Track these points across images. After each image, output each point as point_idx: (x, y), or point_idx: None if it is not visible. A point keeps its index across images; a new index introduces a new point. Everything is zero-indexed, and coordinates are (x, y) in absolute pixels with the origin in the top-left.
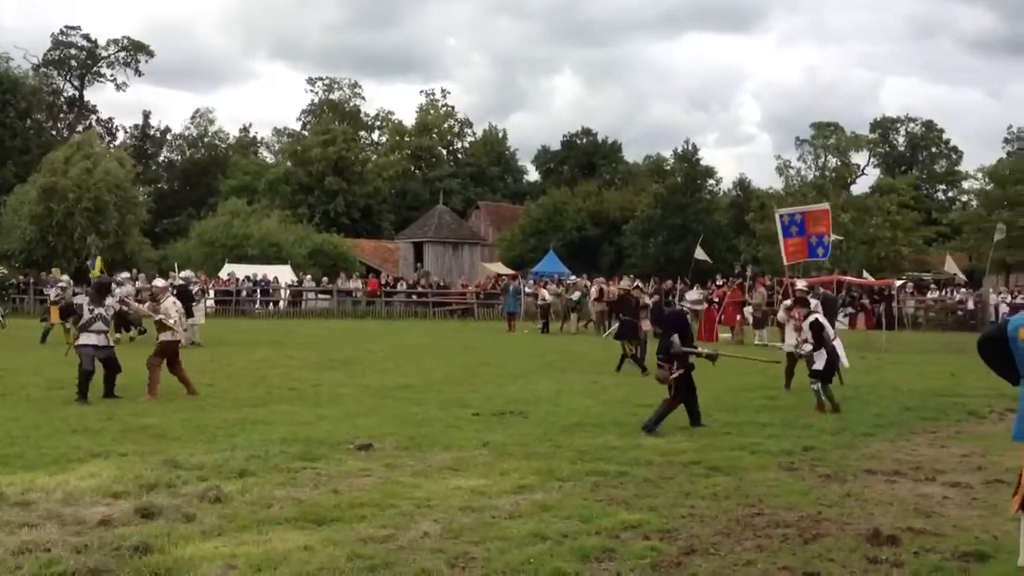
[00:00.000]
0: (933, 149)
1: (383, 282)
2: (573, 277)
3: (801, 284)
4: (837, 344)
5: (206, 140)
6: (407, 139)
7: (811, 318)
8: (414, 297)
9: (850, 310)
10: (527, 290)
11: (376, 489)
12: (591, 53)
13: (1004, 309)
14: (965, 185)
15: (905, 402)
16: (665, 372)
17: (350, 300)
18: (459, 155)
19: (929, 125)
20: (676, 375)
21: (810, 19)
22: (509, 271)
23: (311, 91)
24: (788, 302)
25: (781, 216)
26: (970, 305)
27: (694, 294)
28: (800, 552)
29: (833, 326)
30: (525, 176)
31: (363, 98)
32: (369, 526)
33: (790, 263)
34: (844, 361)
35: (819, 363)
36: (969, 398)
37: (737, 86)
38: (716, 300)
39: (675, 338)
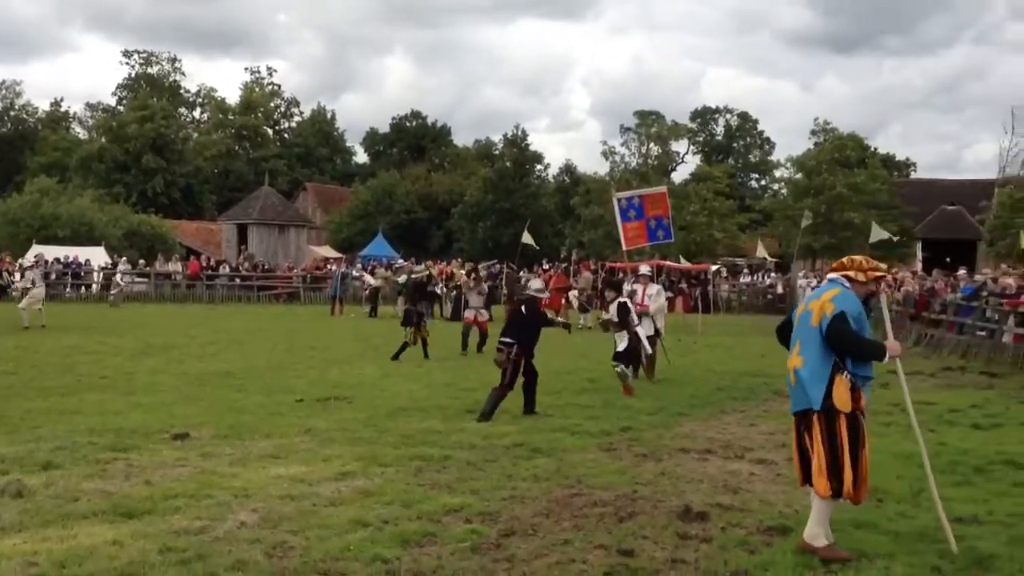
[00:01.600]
0: (748, 139)
1: (204, 265)
2: (401, 260)
3: (644, 268)
4: (641, 330)
5: (12, 114)
6: (231, 117)
7: (618, 301)
8: (237, 281)
9: (669, 294)
10: (355, 274)
11: (192, 479)
12: (424, 34)
13: (810, 292)
14: (776, 174)
15: (718, 383)
16: (504, 356)
17: (169, 283)
18: (286, 135)
19: (744, 116)
20: (513, 359)
21: (639, 9)
22: (337, 254)
23: (127, 64)
24: (633, 287)
25: (619, 200)
26: (779, 289)
27: (537, 282)
28: (615, 530)
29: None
30: (354, 158)
31: (183, 73)
32: (183, 518)
33: (630, 248)
34: (647, 347)
35: (621, 345)
36: (777, 378)
37: (568, 73)
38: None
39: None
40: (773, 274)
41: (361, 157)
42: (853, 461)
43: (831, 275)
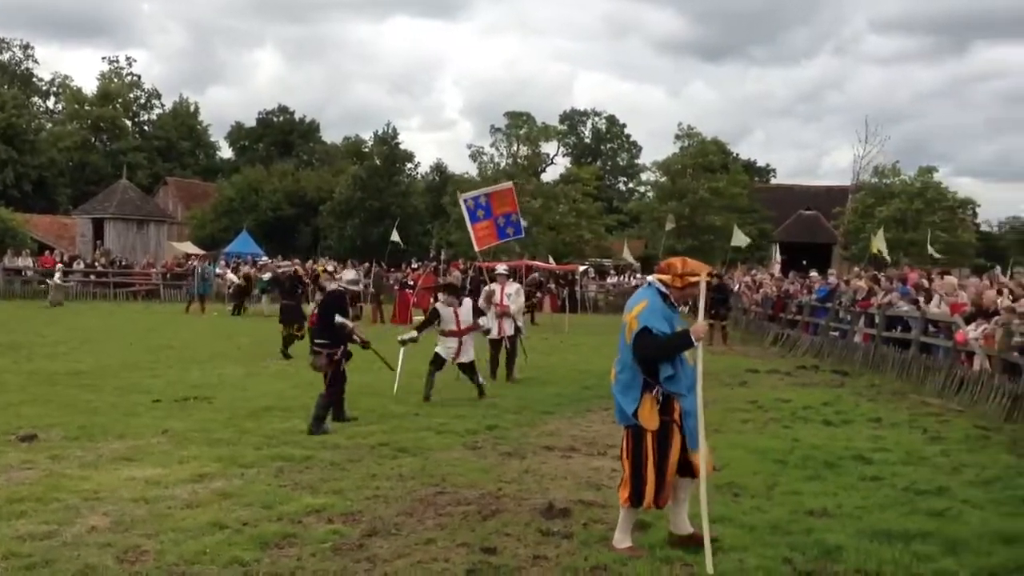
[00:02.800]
0: (616, 143)
1: (58, 260)
2: (265, 258)
3: (502, 268)
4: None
5: None
6: (87, 108)
7: (470, 302)
8: (92, 277)
9: (538, 294)
10: (217, 271)
11: (39, 482)
12: (295, 29)
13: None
14: (643, 177)
15: (583, 381)
16: (322, 360)
17: (19, 280)
18: (146, 127)
19: (612, 120)
20: (335, 361)
21: (512, 11)
22: (199, 251)
23: None
24: (490, 287)
25: (466, 201)
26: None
27: (350, 273)
28: (479, 528)
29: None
30: (218, 153)
31: (36, 61)
32: (29, 522)
33: (481, 248)
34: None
35: (465, 356)
36: None
37: (440, 72)
38: (411, 284)
39: (339, 318)
40: (639, 275)
41: (226, 152)
42: (657, 474)
43: (650, 278)
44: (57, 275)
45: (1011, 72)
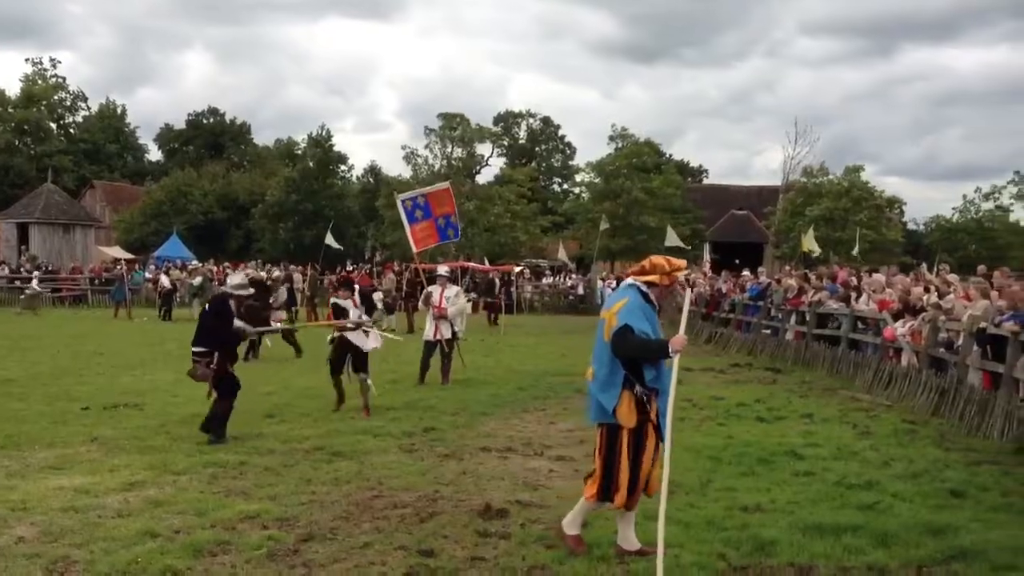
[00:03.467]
0: (550, 144)
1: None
2: (196, 261)
3: (443, 270)
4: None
5: None
6: (10, 111)
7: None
8: (17, 283)
9: (473, 295)
10: (147, 275)
11: None
12: (226, 30)
13: (608, 292)
14: (577, 178)
15: (520, 382)
16: (200, 369)
17: None
18: (71, 130)
19: (547, 121)
20: (213, 370)
21: (447, 12)
22: (128, 255)
23: None
24: (430, 289)
25: (403, 201)
26: (580, 290)
27: (237, 277)
28: (416, 531)
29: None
30: (147, 155)
31: None
32: None
33: (420, 250)
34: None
35: (369, 344)
36: (576, 376)
37: (375, 74)
38: None
39: (239, 323)
40: (574, 275)
41: (155, 155)
42: (631, 473)
43: (629, 279)
44: (34, 282)
45: (935, 74)
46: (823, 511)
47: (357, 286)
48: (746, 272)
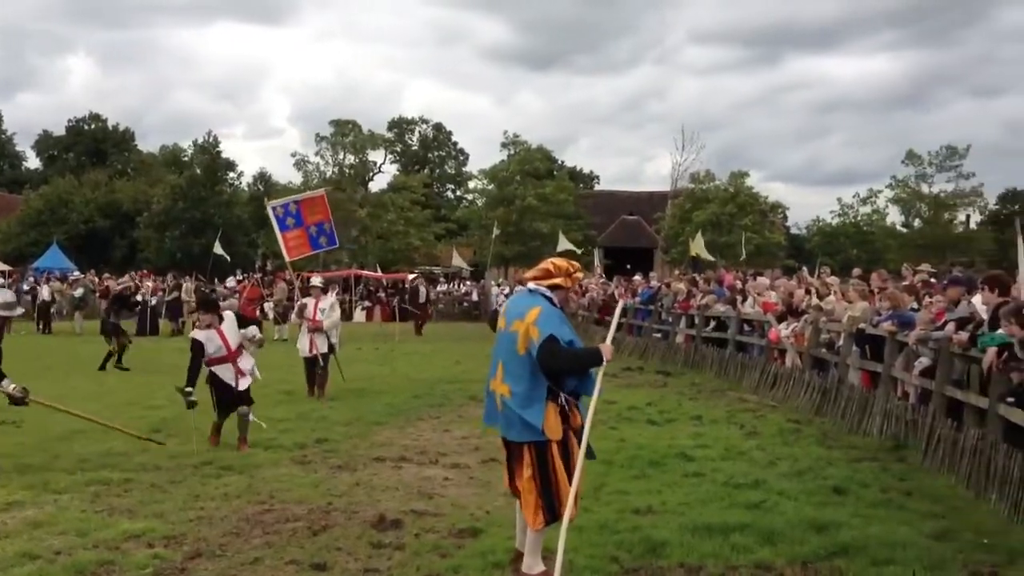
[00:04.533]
0: (444, 151)
1: None
2: (77, 272)
3: (316, 280)
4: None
5: None
6: None
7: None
8: None
9: (367, 303)
10: (24, 287)
11: None
12: (111, 34)
13: (502, 299)
14: (471, 185)
15: (414, 390)
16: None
17: None
18: None
19: (440, 127)
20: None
21: (341, 17)
22: (5, 267)
23: None
24: (304, 301)
25: (274, 208)
26: (475, 296)
27: (5, 295)
28: (308, 545)
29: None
30: (24, 163)
31: None
32: None
33: (293, 259)
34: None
35: (243, 383)
36: (471, 383)
37: (267, 79)
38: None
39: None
40: (468, 282)
41: (33, 162)
42: (569, 481)
43: (532, 285)
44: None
45: (818, 82)
46: (712, 511)
47: (236, 299)
48: (637, 277)
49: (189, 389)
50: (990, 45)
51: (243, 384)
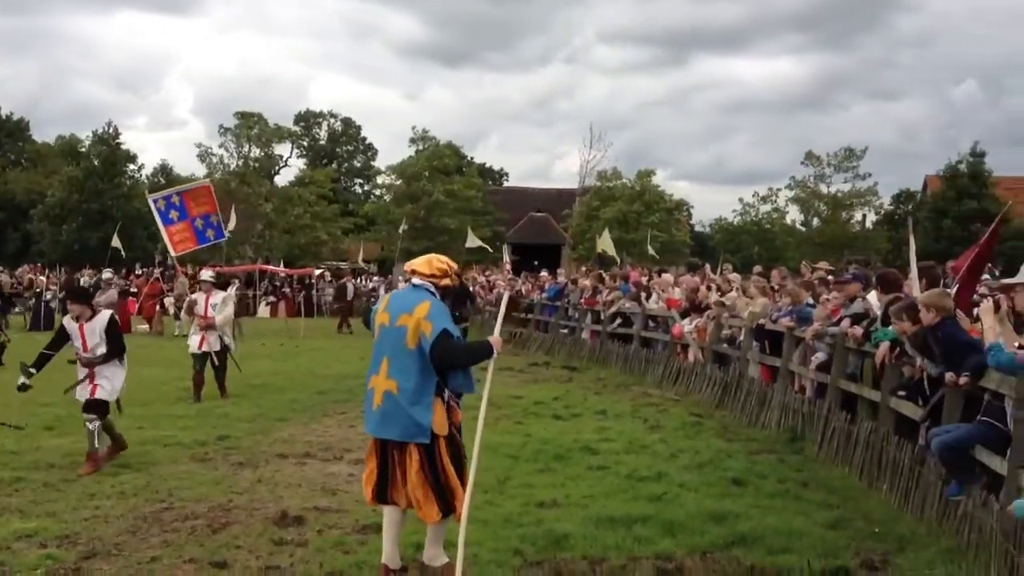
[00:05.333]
0: (352, 145)
1: None
2: None
3: (206, 274)
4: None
5: None
6: None
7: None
8: None
9: (272, 298)
10: None
11: None
12: (4, 21)
13: (383, 292)
14: (379, 180)
15: (319, 386)
16: None
17: None
18: None
19: (348, 122)
20: None
21: (249, 8)
22: None
23: None
24: (192, 297)
25: (155, 201)
26: (382, 292)
27: None
28: (208, 543)
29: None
30: None
31: None
32: None
33: (179, 253)
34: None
35: (101, 391)
36: None
37: (170, 69)
38: (135, 290)
39: None
40: (376, 278)
41: None
42: (459, 477)
43: (416, 281)
44: None
45: (725, 83)
46: (615, 504)
47: (114, 291)
48: (544, 273)
49: (31, 370)
50: (887, 51)
51: (90, 392)
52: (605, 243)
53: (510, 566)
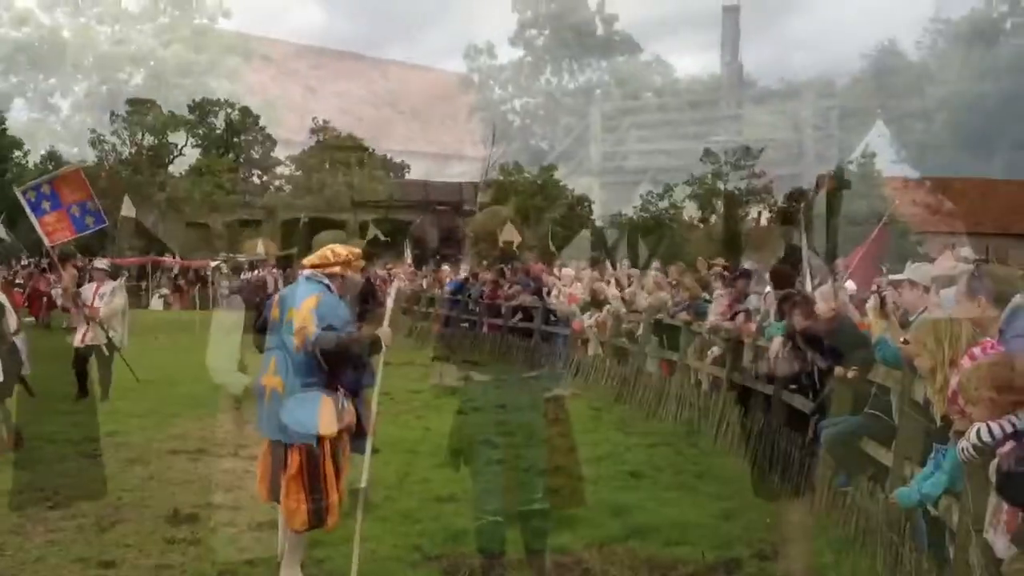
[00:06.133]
0: (250, 135)
1: None
2: None
3: (100, 263)
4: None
5: None
6: None
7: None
8: None
9: (165, 291)
10: None
11: None
12: None
13: (282, 287)
14: (278, 171)
15: (214, 380)
16: None
17: None
18: None
19: (246, 111)
20: None
21: None
22: None
23: None
24: (83, 287)
25: (24, 193)
26: (281, 285)
27: None
28: (96, 542)
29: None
30: None
31: None
32: None
33: (55, 244)
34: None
35: None
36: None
37: (62, 55)
38: (21, 283)
39: None
40: (275, 270)
41: None
42: (338, 485)
43: (307, 272)
44: None
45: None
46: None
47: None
48: (446, 267)
49: None
50: (781, 51)
51: None
52: (508, 234)
53: (409, 562)
